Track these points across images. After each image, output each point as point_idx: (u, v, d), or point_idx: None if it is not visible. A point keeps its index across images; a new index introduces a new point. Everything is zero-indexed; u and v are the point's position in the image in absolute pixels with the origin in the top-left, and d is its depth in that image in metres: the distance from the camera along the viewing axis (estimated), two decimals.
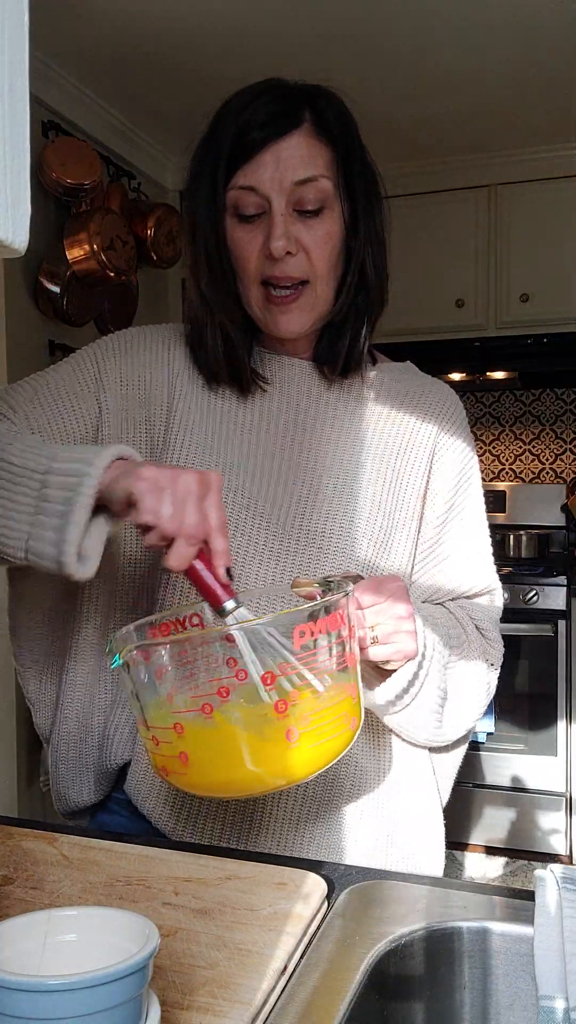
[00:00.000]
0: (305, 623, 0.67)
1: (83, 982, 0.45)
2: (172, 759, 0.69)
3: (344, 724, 0.70)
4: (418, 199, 3.11)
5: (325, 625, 0.68)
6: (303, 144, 0.88)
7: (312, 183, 0.88)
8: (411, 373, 1.05)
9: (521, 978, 0.68)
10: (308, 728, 0.67)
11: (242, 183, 0.88)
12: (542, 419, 3.50)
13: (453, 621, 0.95)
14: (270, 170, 0.87)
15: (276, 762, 0.67)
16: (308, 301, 0.92)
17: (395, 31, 2.29)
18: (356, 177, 0.92)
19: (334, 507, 0.94)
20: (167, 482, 0.72)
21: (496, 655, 0.98)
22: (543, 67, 2.49)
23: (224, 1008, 0.57)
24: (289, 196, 0.88)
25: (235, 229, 0.90)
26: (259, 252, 0.89)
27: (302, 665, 0.68)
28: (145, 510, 0.71)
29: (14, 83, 0.36)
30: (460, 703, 0.93)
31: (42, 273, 2.52)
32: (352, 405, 0.99)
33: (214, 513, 0.74)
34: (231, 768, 0.68)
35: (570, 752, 2.81)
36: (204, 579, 0.74)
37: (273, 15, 2.19)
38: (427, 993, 0.69)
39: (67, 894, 0.72)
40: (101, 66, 2.49)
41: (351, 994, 0.60)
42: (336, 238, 0.91)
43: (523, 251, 3.07)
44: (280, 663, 0.67)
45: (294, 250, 0.89)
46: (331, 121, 0.91)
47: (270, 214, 0.88)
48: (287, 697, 0.66)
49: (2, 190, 0.36)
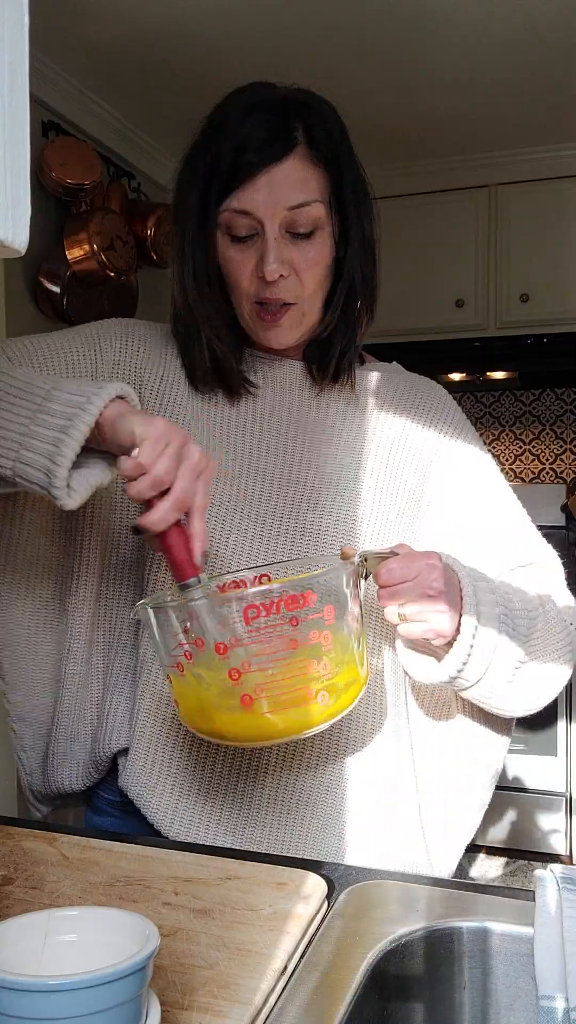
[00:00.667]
0: (253, 603, 0.72)
1: (83, 982, 0.45)
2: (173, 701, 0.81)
3: (310, 699, 0.74)
4: (418, 199, 3.11)
5: (281, 604, 0.72)
6: (297, 167, 0.89)
7: (305, 208, 0.89)
8: (398, 372, 1.06)
9: (521, 978, 0.68)
10: (263, 696, 0.73)
11: (236, 207, 0.89)
12: (542, 419, 3.50)
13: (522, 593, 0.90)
14: (264, 195, 0.88)
15: (236, 722, 0.74)
16: (295, 318, 0.93)
17: (395, 31, 2.28)
18: (348, 192, 0.93)
19: (328, 506, 0.94)
20: (175, 439, 0.73)
21: (572, 613, 0.94)
22: (542, 67, 2.49)
23: (224, 1008, 0.57)
24: (282, 220, 0.89)
25: (227, 249, 0.91)
26: (252, 273, 0.90)
27: (253, 639, 0.73)
28: (145, 451, 0.71)
29: (14, 83, 0.36)
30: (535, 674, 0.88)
31: (42, 273, 2.52)
32: (343, 404, 0.99)
33: (201, 492, 0.75)
34: (203, 719, 0.76)
35: (570, 752, 2.81)
36: (178, 551, 0.75)
37: (273, 15, 2.19)
38: (427, 993, 0.69)
39: (67, 894, 0.72)
40: (101, 66, 2.49)
41: (351, 994, 0.60)
42: (326, 257, 0.93)
43: (523, 251, 3.06)
44: (230, 637, 0.72)
45: (286, 273, 0.90)
46: (323, 139, 0.91)
47: (263, 237, 0.89)
48: (238, 666, 0.73)
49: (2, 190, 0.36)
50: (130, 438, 0.72)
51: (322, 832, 0.94)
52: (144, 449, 0.72)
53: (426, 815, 1.01)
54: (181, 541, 0.75)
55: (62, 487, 0.73)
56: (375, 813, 0.96)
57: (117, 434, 0.74)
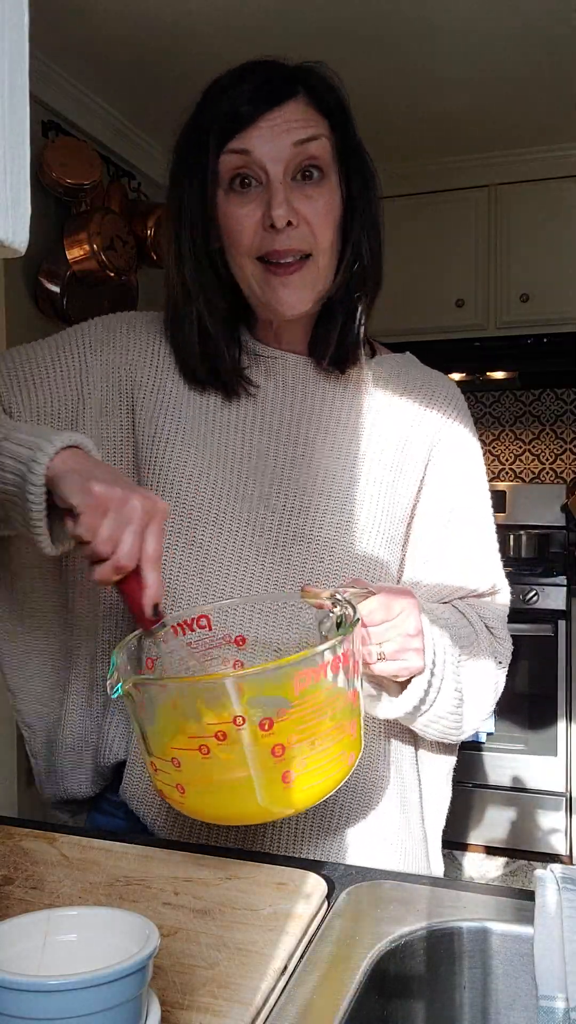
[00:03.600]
0: (306, 669, 0.65)
1: (83, 982, 0.45)
2: (170, 787, 0.69)
3: (342, 761, 0.69)
4: (418, 199, 3.11)
5: (327, 668, 0.66)
6: (299, 110, 0.85)
7: (312, 142, 0.84)
8: (412, 365, 1.02)
9: (521, 978, 0.68)
10: (304, 770, 0.66)
11: (235, 146, 0.84)
12: (542, 419, 3.50)
13: (463, 621, 0.93)
14: (266, 136, 0.83)
15: (271, 801, 0.67)
16: (310, 275, 0.87)
17: (395, 31, 2.28)
18: (352, 155, 0.89)
19: (331, 504, 0.92)
20: (113, 503, 0.71)
21: (505, 653, 0.96)
22: (543, 67, 2.49)
23: (224, 1008, 0.57)
24: (288, 162, 0.84)
25: (227, 204, 0.86)
26: (256, 226, 0.85)
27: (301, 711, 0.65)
28: (83, 525, 0.70)
29: (14, 83, 0.36)
30: (474, 702, 0.91)
31: (42, 273, 2.52)
32: (349, 399, 0.95)
33: (151, 543, 0.72)
34: (226, 805, 0.68)
35: (570, 752, 2.81)
36: (132, 603, 0.74)
37: (273, 15, 2.19)
38: (427, 993, 0.69)
39: (67, 894, 0.72)
40: (101, 66, 2.49)
41: (351, 994, 0.60)
42: (335, 210, 0.88)
43: (523, 251, 3.06)
44: (279, 709, 0.65)
45: (296, 221, 0.84)
46: (325, 96, 0.88)
47: (267, 184, 0.84)
48: (284, 741, 0.64)
49: (2, 190, 0.36)
50: (67, 503, 0.71)
51: (323, 841, 0.93)
52: (82, 523, 0.70)
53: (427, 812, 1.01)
54: (136, 593, 0.74)
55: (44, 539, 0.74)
56: (378, 819, 0.96)
57: (60, 496, 0.73)
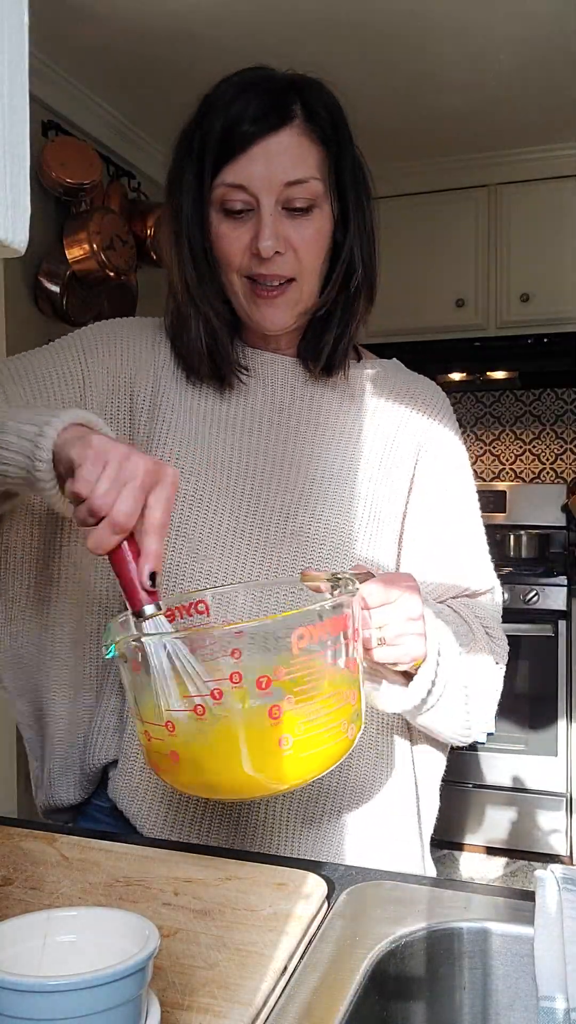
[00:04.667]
0: (305, 626, 0.64)
1: (83, 982, 0.45)
2: (163, 757, 0.67)
3: (342, 732, 0.68)
4: (418, 199, 3.11)
5: (327, 628, 0.65)
6: (294, 142, 0.86)
7: (302, 184, 0.86)
8: (397, 370, 1.04)
9: (521, 978, 0.68)
10: (303, 735, 0.64)
11: (230, 180, 0.86)
12: (542, 419, 3.50)
13: (459, 619, 0.93)
14: (260, 168, 0.85)
15: (268, 768, 0.65)
16: (293, 297, 0.90)
17: (395, 31, 2.28)
18: (347, 173, 0.90)
19: (321, 503, 0.93)
20: (115, 458, 0.66)
21: (502, 652, 0.96)
22: (543, 67, 2.49)
23: (224, 1009, 0.57)
24: (279, 195, 0.86)
25: (221, 225, 0.88)
26: (245, 249, 0.87)
27: (299, 670, 0.64)
28: (80, 478, 0.66)
29: (14, 83, 0.36)
30: (479, 699, 0.90)
31: (42, 273, 2.52)
32: (337, 401, 0.97)
33: (157, 510, 0.67)
34: (221, 771, 0.65)
35: (570, 752, 2.81)
36: (126, 575, 0.67)
37: (273, 15, 2.19)
38: (427, 993, 0.69)
39: (67, 895, 0.72)
40: (101, 66, 2.49)
41: (351, 994, 0.60)
42: (324, 236, 0.90)
43: (523, 251, 3.06)
44: (276, 667, 0.63)
45: (283, 249, 0.87)
46: (322, 116, 0.89)
47: (258, 212, 0.86)
48: (281, 703, 0.63)
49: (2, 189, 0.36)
50: (70, 464, 0.68)
51: (316, 843, 0.93)
52: (79, 475, 0.66)
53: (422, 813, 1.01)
54: (129, 564, 0.67)
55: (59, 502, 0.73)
56: (372, 821, 0.96)
57: (61, 463, 0.70)
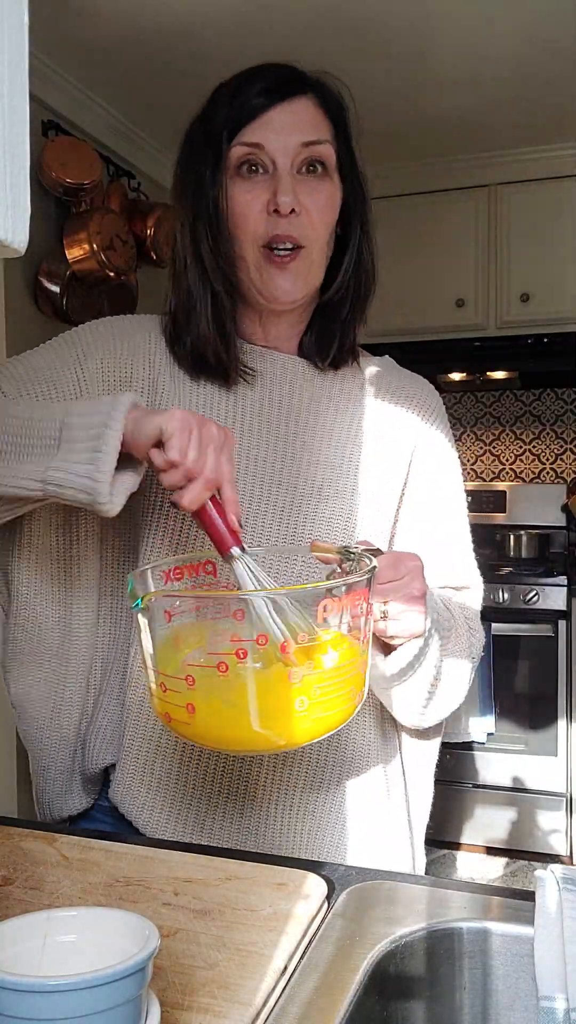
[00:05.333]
0: (329, 598, 0.69)
1: (83, 982, 0.45)
2: (178, 708, 0.70)
3: (350, 698, 0.72)
4: (418, 199, 3.11)
5: (349, 601, 0.70)
6: (309, 108, 0.90)
7: (318, 146, 0.89)
8: (392, 367, 1.06)
9: (521, 978, 0.68)
10: (317, 698, 0.68)
11: (247, 139, 0.88)
12: (542, 419, 3.50)
13: (444, 608, 0.95)
14: (277, 128, 0.88)
15: (281, 727, 0.69)
16: (304, 265, 0.91)
17: (395, 31, 2.28)
18: (352, 164, 0.93)
19: (323, 497, 0.94)
20: (196, 425, 0.76)
21: (478, 648, 0.98)
22: (543, 67, 2.48)
23: (224, 1008, 0.57)
24: (295, 157, 0.88)
25: (234, 188, 0.90)
26: (262, 210, 0.89)
27: (320, 637, 0.69)
28: (174, 447, 0.75)
29: (14, 83, 0.36)
30: (446, 688, 0.93)
31: (42, 273, 2.52)
32: (335, 397, 0.99)
33: (228, 464, 0.78)
34: (236, 727, 0.69)
35: (570, 752, 2.81)
36: (216, 523, 0.78)
37: (273, 14, 2.19)
38: (427, 993, 0.69)
39: (67, 894, 0.72)
40: (101, 66, 2.49)
41: (351, 994, 0.60)
42: (335, 205, 0.92)
43: (523, 251, 3.06)
44: (300, 634, 0.68)
45: (298, 209, 0.88)
46: (332, 100, 0.92)
47: (275, 172, 0.88)
48: (302, 667, 0.68)
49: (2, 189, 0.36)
50: (155, 433, 0.76)
51: (317, 841, 0.93)
52: (173, 444, 0.75)
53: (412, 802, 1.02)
54: (217, 513, 0.78)
55: (107, 501, 0.76)
56: (368, 819, 0.96)
57: (139, 437, 0.76)
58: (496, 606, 2.80)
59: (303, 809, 0.93)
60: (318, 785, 0.94)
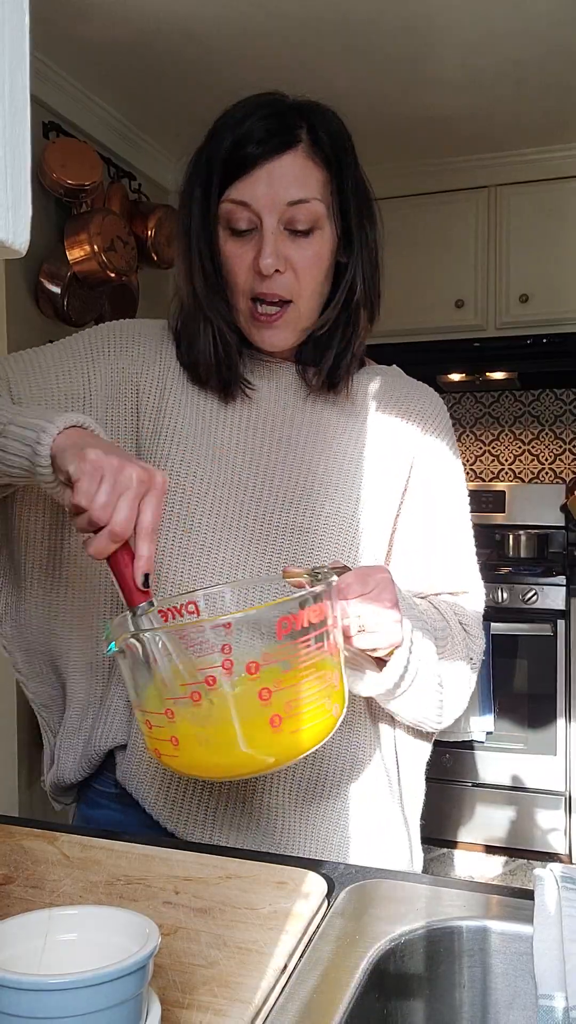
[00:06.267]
0: (287, 615, 0.69)
1: (83, 981, 0.45)
2: (164, 742, 0.71)
3: (326, 711, 0.72)
4: (418, 199, 3.11)
5: (307, 616, 0.70)
6: (297, 164, 0.89)
7: (304, 205, 0.89)
8: (397, 377, 1.06)
9: (521, 977, 0.68)
10: (292, 714, 0.69)
11: (235, 197, 0.89)
12: (542, 419, 3.50)
13: (437, 614, 0.96)
14: (263, 187, 0.88)
15: (262, 747, 0.70)
16: (292, 318, 0.93)
17: (395, 31, 2.29)
18: (350, 196, 0.93)
19: (321, 500, 0.95)
20: (109, 470, 0.71)
21: (477, 652, 0.99)
22: (542, 68, 2.49)
23: (224, 1007, 0.57)
24: (281, 215, 0.89)
25: (227, 242, 0.91)
26: (249, 267, 0.91)
27: (284, 655, 0.69)
28: (80, 491, 0.71)
29: (14, 83, 0.36)
30: (451, 687, 0.94)
31: (43, 274, 2.52)
32: (338, 408, 1.00)
33: (148, 513, 0.73)
34: (219, 752, 0.70)
35: (569, 751, 2.81)
36: (121, 578, 0.74)
37: (273, 15, 2.19)
38: (427, 992, 0.69)
39: (67, 893, 0.72)
40: (101, 66, 2.49)
41: (351, 993, 0.60)
42: (325, 259, 0.93)
43: (523, 251, 3.07)
44: (264, 653, 0.69)
45: (283, 268, 0.90)
46: (326, 141, 0.91)
47: (261, 231, 0.89)
48: (270, 685, 0.68)
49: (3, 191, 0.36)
50: (67, 476, 0.73)
51: (323, 822, 0.95)
52: (79, 489, 0.71)
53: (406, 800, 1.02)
54: (124, 567, 0.74)
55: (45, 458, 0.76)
56: (368, 817, 0.97)
57: (58, 470, 0.75)
58: (495, 606, 2.80)
59: (304, 808, 0.94)
60: (320, 784, 0.95)
